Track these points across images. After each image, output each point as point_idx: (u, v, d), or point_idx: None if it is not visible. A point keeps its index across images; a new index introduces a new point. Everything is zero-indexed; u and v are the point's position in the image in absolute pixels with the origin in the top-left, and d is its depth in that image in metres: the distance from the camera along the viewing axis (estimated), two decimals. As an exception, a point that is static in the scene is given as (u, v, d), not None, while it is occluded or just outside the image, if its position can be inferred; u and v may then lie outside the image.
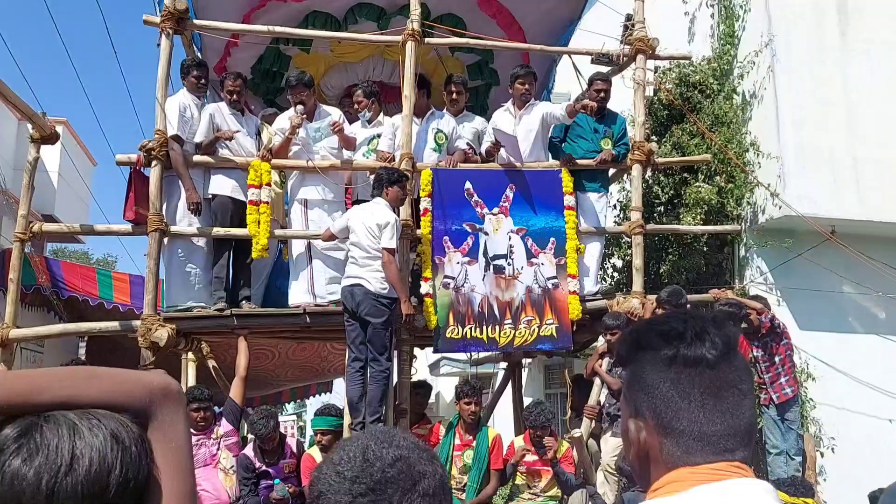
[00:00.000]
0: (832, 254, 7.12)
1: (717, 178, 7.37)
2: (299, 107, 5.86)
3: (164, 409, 0.94)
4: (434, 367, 14.59)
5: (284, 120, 6.05)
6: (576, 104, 5.94)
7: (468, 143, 6.32)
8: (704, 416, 1.08)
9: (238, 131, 5.90)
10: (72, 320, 8.88)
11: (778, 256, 7.27)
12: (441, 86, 6.55)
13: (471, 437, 5.67)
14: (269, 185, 5.78)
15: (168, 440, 0.93)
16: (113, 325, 5.93)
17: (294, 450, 5.56)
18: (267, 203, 5.72)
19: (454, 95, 6.29)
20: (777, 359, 5.81)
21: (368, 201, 5.60)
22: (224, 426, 5.27)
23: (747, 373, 1.13)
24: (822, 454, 6.71)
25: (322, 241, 5.75)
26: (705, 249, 7.53)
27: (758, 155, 7.37)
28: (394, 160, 5.94)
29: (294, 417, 28.45)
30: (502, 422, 9.09)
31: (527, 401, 8.17)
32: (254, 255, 5.72)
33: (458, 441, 5.67)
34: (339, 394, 11.99)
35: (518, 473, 5.69)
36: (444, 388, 16.94)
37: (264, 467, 5.38)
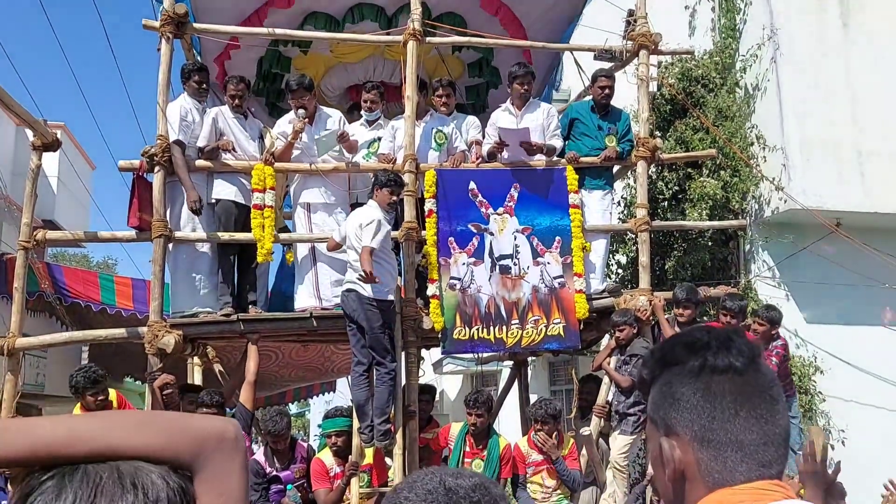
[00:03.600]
0: (838, 246, 7.11)
1: (722, 172, 7.34)
2: (301, 111, 5.82)
3: (216, 459, 0.86)
4: (438, 366, 14.58)
5: (285, 123, 6.01)
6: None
7: (473, 140, 6.31)
8: (739, 424, 1.05)
9: (234, 150, 5.84)
10: (74, 325, 8.86)
11: (784, 250, 7.26)
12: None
13: (481, 447, 5.66)
14: (272, 188, 5.75)
15: (218, 493, 0.85)
16: (119, 331, 5.90)
17: (305, 454, 5.53)
18: (271, 207, 5.69)
19: (444, 99, 6.30)
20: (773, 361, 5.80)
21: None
22: (234, 432, 5.25)
23: (774, 378, 1.11)
24: (832, 447, 6.70)
25: (328, 250, 5.71)
26: (710, 244, 7.51)
27: (764, 148, 7.34)
28: (395, 162, 5.92)
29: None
30: (509, 420, 9.08)
31: (533, 398, 8.18)
32: (259, 258, 5.69)
33: (467, 448, 5.66)
34: (342, 393, 11.98)
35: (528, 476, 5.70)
36: (449, 386, 16.94)
37: (275, 472, 5.36)
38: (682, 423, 1.08)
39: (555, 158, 6.29)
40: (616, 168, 6.71)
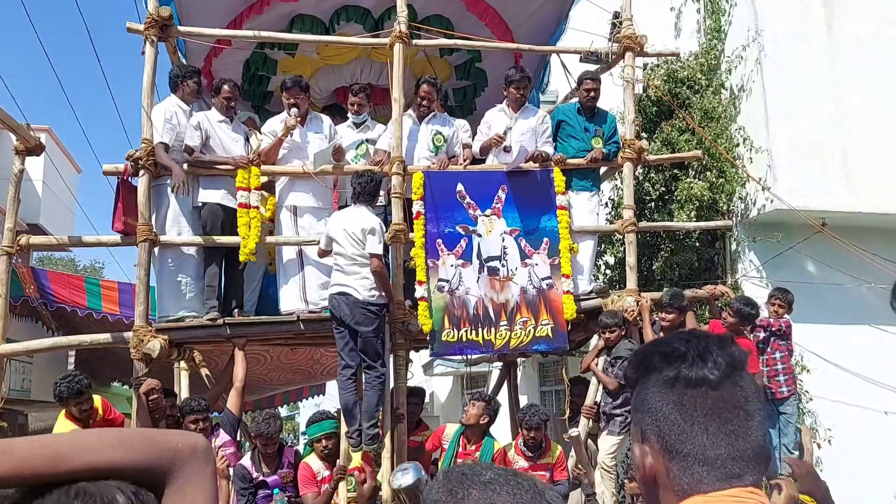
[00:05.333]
0: (823, 246, 7.16)
1: (708, 173, 7.37)
2: (293, 109, 5.80)
3: (187, 470, 0.92)
4: (428, 368, 14.57)
5: (276, 123, 5.97)
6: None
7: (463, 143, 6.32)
8: (708, 439, 1.06)
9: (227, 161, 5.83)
10: (61, 329, 8.79)
11: (770, 250, 7.30)
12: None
13: (473, 448, 5.65)
14: (258, 188, 5.73)
15: (191, 502, 0.91)
16: (104, 337, 5.85)
17: (292, 459, 5.50)
18: (256, 207, 5.66)
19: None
20: (778, 355, 5.85)
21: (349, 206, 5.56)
22: (221, 437, 5.22)
23: (755, 393, 1.10)
24: (819, 446, 6.74)
25: (320, 258, 5.67)
26: (697, 245, 7.54)
27: (750, 150, 7.38)
28: (383, 165, 5.90)
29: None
30: (498, 421, 9.07)
31: (523, 399, 8.18)
32: (241, 258, 5.64)
33: (460, 449, 5.65)
34: (331, 396, 11.95)
35: None
36: (438, 387, 16.92)
37: (262, 477, 5.32)
38: (654, 432, 1.09)
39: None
40: (603, 169, 6.74)
